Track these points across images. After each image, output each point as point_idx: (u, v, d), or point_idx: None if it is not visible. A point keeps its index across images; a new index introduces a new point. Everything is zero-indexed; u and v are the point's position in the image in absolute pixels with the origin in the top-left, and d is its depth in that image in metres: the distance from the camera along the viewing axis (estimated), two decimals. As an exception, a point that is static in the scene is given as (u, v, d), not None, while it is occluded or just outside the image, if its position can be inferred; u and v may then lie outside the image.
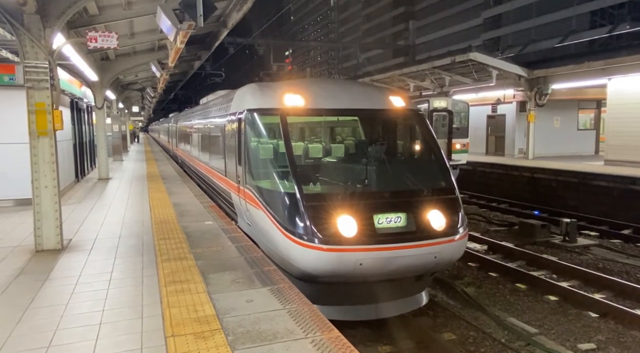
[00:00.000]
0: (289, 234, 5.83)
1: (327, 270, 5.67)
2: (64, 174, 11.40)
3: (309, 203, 5.83)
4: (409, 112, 7.49)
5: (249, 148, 7.13)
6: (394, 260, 5.76)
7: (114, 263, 6.13)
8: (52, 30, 6.67)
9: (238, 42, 25.19)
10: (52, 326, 4.27)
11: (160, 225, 8.25)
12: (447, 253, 6.11)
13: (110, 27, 10.53)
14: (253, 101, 7.44)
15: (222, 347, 3.69)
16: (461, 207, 6.48)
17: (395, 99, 7.38)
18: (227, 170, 8.98)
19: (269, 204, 6.32)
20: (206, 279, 5.29)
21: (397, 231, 5.90)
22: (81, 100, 15.97)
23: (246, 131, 7.22)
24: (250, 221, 7.24)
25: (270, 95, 7.25)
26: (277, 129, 6.84)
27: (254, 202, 6.77)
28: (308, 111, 6.96)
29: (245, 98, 7.84)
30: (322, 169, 7.27)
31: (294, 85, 7.42)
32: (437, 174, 6.95)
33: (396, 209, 5.99)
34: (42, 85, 6.57)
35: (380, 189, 6.31)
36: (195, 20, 6.55)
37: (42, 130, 6.64)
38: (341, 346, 3.68)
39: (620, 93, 17.05)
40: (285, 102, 6.78)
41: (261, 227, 6.63)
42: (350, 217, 5.75)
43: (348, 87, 7.71)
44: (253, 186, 6.88)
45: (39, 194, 6.74)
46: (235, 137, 7.96)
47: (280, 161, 6.47)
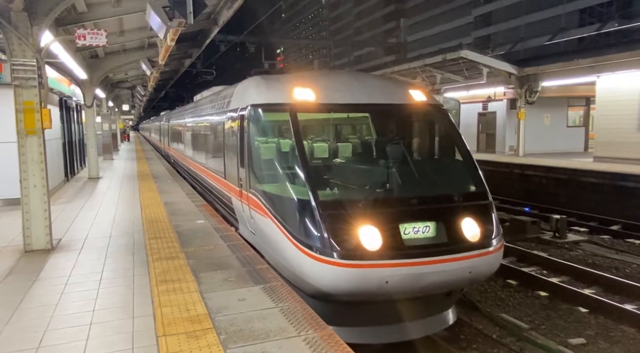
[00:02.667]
0: (302, 247, 5.12)
1: (347, 289, 4.93)
2: (53, 173, 11.29)
3: (325, 211, 5.11)
4: (431, 107, 6.77)
5: (253, 148, 6.46)
6: (425, 277, 5.03)
7: (105, 263, 6.08)
8: (40, 28, 6.59)
9: (229, 40, 25.07)
10: (42, 326, 4.22)
11: (151, 224, 8.20)
12: (482, 267, 5.40)
13: (99, 25, 10.41)
14: (258, 95, 6.69)
15: (214, 346, 3.68)
16: (495, 214, 5.79)
17: (415, 93, 6.72)
18: (227, 173, 8.27)
19: (278, 212, 5.62)
20: (198, 278, 5.27)
21: (426, 243, 5.20)
22: (70, 99, 15.81)
23: (250, 129, 6.55)
24: (255, 230, 6.51)
25: (277, 88, 6.57)
26: (286, 127, 6.21)
27: (260, 208, 6.08)
28: (321, 107, 6.20)
29: (249, 92, 7.11)
30: (338, 172, 6.49)
31: (303, 78, 6.75)
32: (466, 176, 6.21)
33: (424, 217, 5.30)
34: (29, 83, 6.49)
35: (406, 194, 5.60)
36: (186, 18, 6.49)
37: (31, 129, 6.57)
38: (334, 344, 3.68)
39: (609, 90, 17.23)
40: (295, 97, 6.11)
41: (268, 237, 5.94)
42: (373, 227, 5.04)
43: (363, 80, 6.97)
44: (258, 191, 6.18)
45: (27, 194, 6.67)
46: (236, 136, 7.27)
47: (291, 163, 5.75)
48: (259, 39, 27.60)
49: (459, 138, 6.61)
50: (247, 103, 6.82)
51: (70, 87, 15.31)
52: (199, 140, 12.65)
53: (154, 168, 18.97)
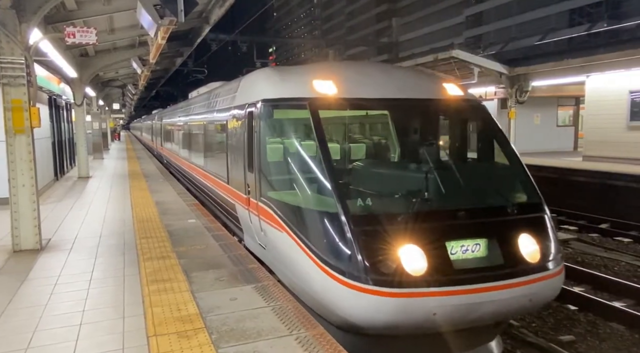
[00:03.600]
0: (328, 269, 4.29)
1: (385, 322, 4.11)
2: (42, 173, 11.18)
3: (358, 227, 4.28)
4: (470, 103, 5.93)
5: (265, 150, 5.65)
6: (479, 307, 4.21)
7: (95, 263, 6.03)
8: (29, 26, 6.52)
9: (221, 39, 24.96)
10: (31, 327, 4.18)
11: (142, 223, 8.15)
12: (544, 293, 4.59)
13: (89, 23, 10.33)
14: (271, 90, 5.86)
15: (205, 345, 3.67)
16: (554, 228, 5.03)
17: (450, 87, 5.92)
18: (231, 177, 7.40)
19: (298, 226, 4.77)
20: (189, 278, 5.24)
21: (479, 265, 4.35)
22: (60, 97, 15.66)
23: (260, 128, 5.74)
24: (266, 244, 5.74)
25: (293, 81, 5.79)
26: (306, 126, 5.39)
27: (273, 221, 5.26)
28: (346, 102, 5.32)
29: (259, 86, 6.28)
30: (369, 179, 5.52)
31: (321, 70, 5.99)
32: (516, 183, 5.42)
33: (474, 233, 4.47)
34: (18, 81, 6.42)
35: (450, 205, 4.75)
36: (176, 16, 6.46)
37: (19, 127, 6.49)
38: (325, 343, 3.68)
39: (598, 90, 17.40)
40: (315, 90, 5.29)
41: (283, 255, 5.15)
42: (416, 246, 4.22)
43: (389, 72, 6.21)
44: (272, 200, 5.35)
45: (16, 193, 6.59)
46: (242, 136, 6.46)
47: (313, 168, 4.90)
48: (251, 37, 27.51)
49: (503, 138, 5.77)
50: (256, 98, 6.00)
51: (59, 86, 15.16)
52: (196, 141, 11.76)
53: (145, 167, 18.85)
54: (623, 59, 15.35)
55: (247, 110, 6.31)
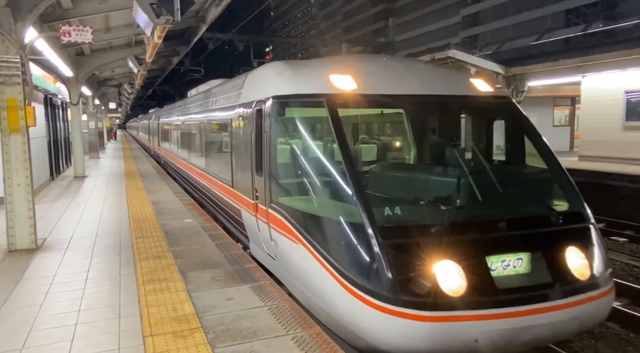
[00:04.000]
0: (353, 288, 3.80)
1: (419, 350, 3.61)
2: (37, 172, 11.13)
3: (387, 239, 3.80)
4: (501, 100, 5.45)
5: (277, 152, 5.18)
6: (525, 331, 3.71)
7: (91, 263, 6.01)
8: (24, 24, 6.49)
9: (217, 38, 24.91)
10: (26, 327, 4.16)
11: (138, 223, 8.13)
12: (595, 314, 4.07)
13: (85, 21, 10.29)
14: (282, 85, 5.36)
15: (201, 345, 3.66)
16: (602, 240, 4.45)
17: (478, 83, 5.46)
18: (236, 181, 6.91)
19: (316, 238, 4.29)
20: (185, 277, 5.23)
21: (524, 283, 3.85)
22: (55, 97, 15.60)
23: (271, 128, 5.24)
24: (277, 255, 5.26)
25: (308, 76, 5.31)
26: (323, 125, 5.07)
27: (286, 230, 4.79)
28: (367, 99, 4.84)
29: (269, 81, 5.78)
30: (396, 185, 5.01)
31: (337, 63, 5.52)
32: (558, 190, 4.89)
33: (516, 247, 3.98)
34: (13, 80, 6.39)
35: (488, 215, 4.27)
36: (173, 15, 6.45)
37: (14, 126, 6.46)
38: (322, 342, 3.68)
39: (594, 90, 17.47)
40: (333, 86, 4.81)
41: (298, 269, 4.66)
42: (453, 262, 3.74)
43: (412, 66, 5.74)
44: (285, 207, 4.89)
45: (11, 193, 6.56)
46: (249, 136, 6.00)
47: (333, 172, 4.42)
48: (248, 36, 27.48)
49: (540, 140, 5.18)
50: (266, 95, 5.53)
51: (55, 85, 15.10)
52: (196, 141, 11.22)
53: (141, 167, 18.80)
54: (619, 59, 15.41)
55: (255, 108, 5.82)
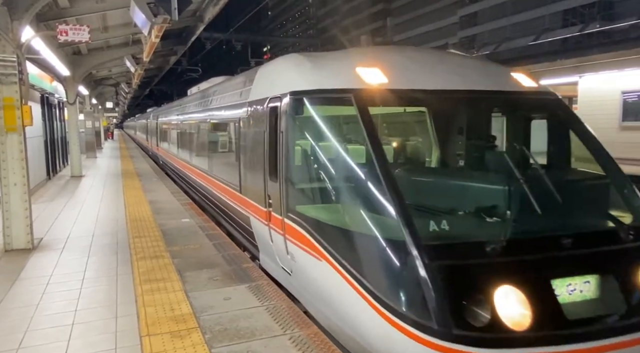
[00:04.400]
0: (392, 318, 3.20)
1: None
2: (34, 172, 11.09)
3: (435, 261, 3.18)
4: (549, 98, 4.77)
5: (296, 155, 4.66)
6: None
7: (87, 262, 5.99)
8: (20, 23, 6.47)
9: (215, 37, 24.90)
10: (23, 327, 4.14)
11: (135, 222, 8.11)
12: None
13: (82, 20, 10.27)
14: (302, 79, 4.77)
15: (198, 345, 3.65)
16: None
17: (521, 77, 4.79)
18: (245, 186, 6.34)
19: (346, 256, 3.69)
20: (183, 277, 5.22)
21: (595, 312, 3.23)
22: (52, 96, 15.55)
23: (288, 127, 4.68)
24: (294, 271, 4.70)
25: (332, 69, 4.69)
26: (350, 124, 4.50)
27: (308, 245, 4.21)
28: (401, 94, 4.19)
29: (285, 76, 5.18)
30: (435, 193, 4.24)
31: (363, 55, 4.97)
32: (623, 200, 4.17)
33: (582, 268, 3.37)
34: (10, 79, 6.37)
35: (549, 230, 3.62)
36: (170, 14, 6.44)
37: (11, 126, 6.44)
38: (319, 342, 3.68)
39: (591, 90, 17.52)
40: (361, 80, 4.20)
41: (323, 290, 4.09)
42: (515, 287, 3.11)
43: (445, 58, 5.11)
44: (306, 219, 4.30)
45: (7, 192, 6.54)
46: (262, 136, 5.45)
47: (366, 180, 3.77)
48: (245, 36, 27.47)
49: (595, 143, 4.64)
50: (282, 91, 4.94)
51: (52, 84, 15.05)
52: (199, 142, 10.62)
53: (138, 166, 18.76)
54: (616, 60, 15.47)
55: (269, 105, 5.26)
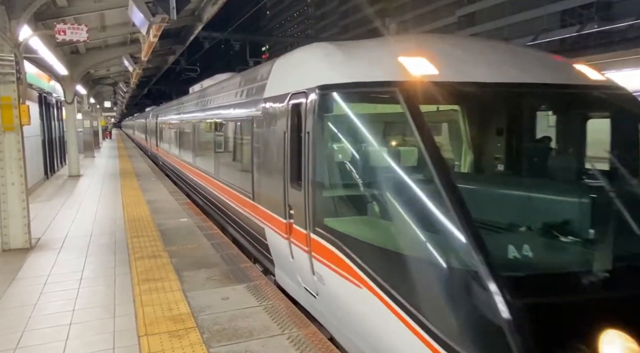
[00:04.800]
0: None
1: None
2: (32, 171, 11.07)
3: (520, 298, 2.52)
4: (621, 93, 3.99)
5: (326, 160, 4.05)
6: None
7: (85, 262, 5.97)
8: (18, 22, 6.46)
9: (213, 37, 24.86)
10: (20, 327, 4.13)
11: (133, 222, 8.10)
12: None
13: (80, 20, 10.24)
14: (332, 71, 4.10)
15: (197, 345, 3.65)
16: None
17: (586, 70, 4.08)
18: (259, 192, 5.72)
19: (398, 286, 3.01)
20: (181, 277, 5.22)
21: None
22: (50, 95, 15.52)
23: (316, 127, 4.05)
24: (323, 294, 4.05)
25: (369, 58, 4.00)
26: (394, 123, 3.95)
27: (343, 267, 3.56)
28: (457, 88, 3.48)
29: (311, 68, 4.52)
30: (511, 209, 3.49)
31: (403, 43, 4.27)
32: None
33: None
34: (7, 78, 6.35)
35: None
36: (169, 14, 6.43)
37: (8, 125, 6.43)
38: (318, 342, 3.68)
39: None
40: (406, 71, 3.49)
41: (362, 321, 3.46)
42: (624, 333, 2.45)
43: (497, 47, 4.35)
44: (341, 237, 3.65)
45: (5, 192, 6.52)
46: (281, 137, 4.81)
47: (423, 192, 3.06)
48: (244, 36, 27.45)
49: None
50: (307, 85, 4.29)
51: (50, 83, 15.02)
52: (204, 143, 9.95)
53: (136, 166, 18.74)
54: (614, 60, 15.50)
55: (291, 102, 4.64)
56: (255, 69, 6.83)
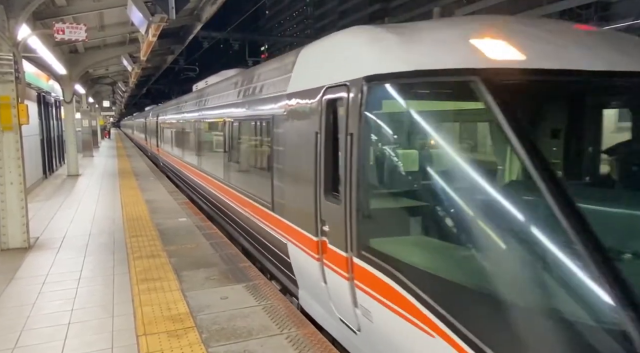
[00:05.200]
0: None
1: None
2: (30, 170, 11.05)
3: None
4: None
5: (381, 167, 3.38)
6: None
7: (84, 262, 5.97)
8: (17, 21, 6.44)
9: (212, 37, 24.84)
10: (19, 326, 4.13)
11: (132, 222, 8.09)
12: None
13: (79, 19, 10.23)
14: (387, 58, 3.26)
15: (195, 345, 3.65)
16: None
17: None
18: (279, 202, 5.02)
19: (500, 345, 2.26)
20: (180, 277, 5.21)
21: None
22: (49, 94, 15.50)
23: (364, 128, 3.30)
24: (368, 332, 3.36)
25: (433, 42, 3.17)
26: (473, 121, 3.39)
27: (406, 307, 2.83)
28: (556, 78, 2.80)
29: (354, 55, 3.64)
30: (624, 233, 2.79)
31: (467, 23, 3.42)
32: None
33: None
34: (6, 78, 6.34)
35: None
36: (167, 13, 6.43)
37: (7, 124, 6.42)
38: (317, 342, 3.68)
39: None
40: (485, 56, 2.83)
41: None
42: None
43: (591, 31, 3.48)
44: (403, 267, 2.89)
45: (3, 191, 6.52)
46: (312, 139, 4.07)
47: (530, 210, 2.42)
48: (243, 35, 27.42)
49: None
50: (349, 76, 3.52)
51: (48, 83, 15.00)
52: (211, 144, 9.26)
53: (135, 165, 18.73)
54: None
55: (325, 97, 3.91)
56: (274, 61, 5.97)
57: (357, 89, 3.39)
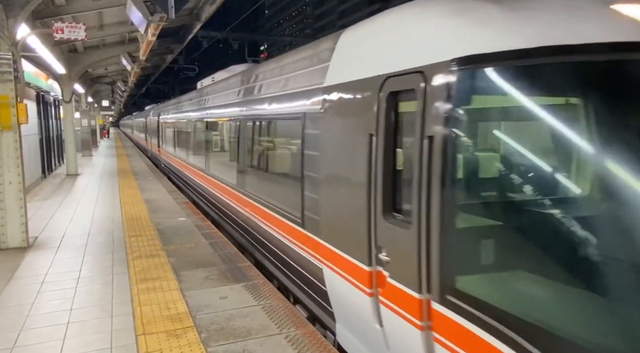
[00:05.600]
0: None
1: None
2: (29, 170, 11.05)
3: None
4: None
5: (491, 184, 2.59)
6: None
7: (83, 261, 5.96)
8: (16, 20, 6.44)
9: (212, 36, 24.83)
10: (17, 326, 4.12)
11: (131, 221, 8.09)
12: None
13: (78, 18, 10.22)
14: (486, 32, 2.43)
15: (194, 344, 3.65)
16: None
17: None
18: (311, 217, 4.24)
19: None
20: (179, 276, 5.21)
21: None
22: (48, 94, 15.49)
23: (455, 130, 2.43)
24: None
25: (565, 7, 2.35)
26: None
27: None
28: None
29: (432, 31, 2.81)
30: None
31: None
32: None
33: None
34: (5, 77, 6.34)
35: None
36: (167, 13, 6.42)
37: (6, 124, 6.41)
38: (315, 341, 3.68)
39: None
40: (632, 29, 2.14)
41: None
42: None
43: None
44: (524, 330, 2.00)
45: (2, 190, 6.51)
46: (363, 143, 3.28)
47: None
48: (242, 35, 27.42)
49: None
50: (426, 60, 2.70)
51: (48, 82, 14.99)
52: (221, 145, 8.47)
53: (134, 165, 18.71)
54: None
55: (385, 90, 3.08)
56: (301, 49, 5.07)
57: (442, 76, 2.52)
